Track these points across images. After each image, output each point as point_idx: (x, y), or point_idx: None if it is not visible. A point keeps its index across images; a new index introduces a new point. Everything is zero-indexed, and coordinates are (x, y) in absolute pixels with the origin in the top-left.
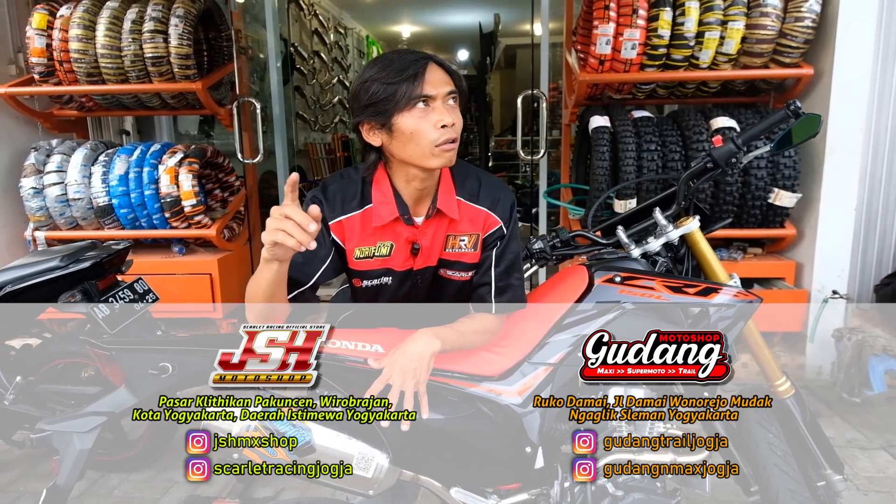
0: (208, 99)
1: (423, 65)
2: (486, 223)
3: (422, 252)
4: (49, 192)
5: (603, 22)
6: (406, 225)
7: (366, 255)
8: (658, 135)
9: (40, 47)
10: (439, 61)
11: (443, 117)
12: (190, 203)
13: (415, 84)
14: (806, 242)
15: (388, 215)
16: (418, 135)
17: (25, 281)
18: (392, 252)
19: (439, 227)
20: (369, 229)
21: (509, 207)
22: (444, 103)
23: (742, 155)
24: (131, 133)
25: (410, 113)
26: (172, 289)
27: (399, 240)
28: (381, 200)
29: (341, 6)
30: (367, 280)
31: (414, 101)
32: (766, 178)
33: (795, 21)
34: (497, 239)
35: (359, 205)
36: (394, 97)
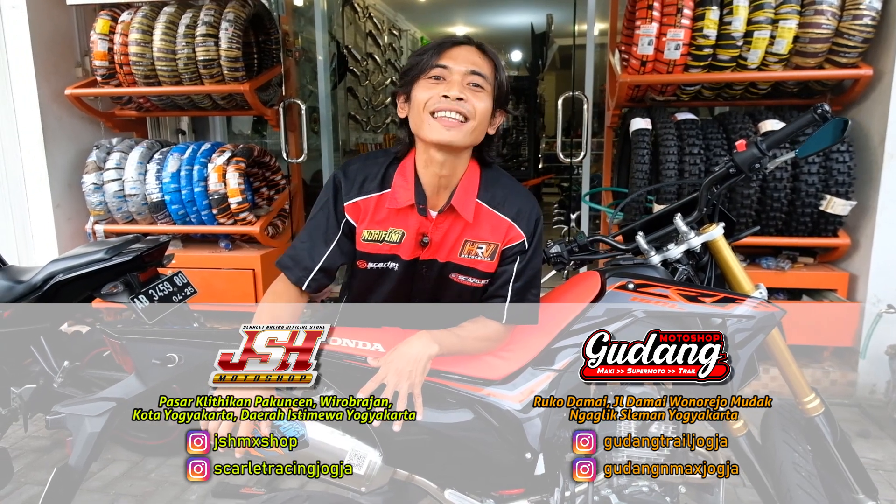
0: (255, 100)
1: (456, 41)
2: (508, 235)
3: (430, 245)
4: (108, 188)
5: (645, 22)
6: (420, 216)
7: (374, 238)
8: (702, 138)
9: (103, 51)
10: (481, 46)
11: (449, 89)
12: (236, 200)
13: (437, 55)
14: (861, 253)
15: (405, 200)
16: (419, 101)
17: (73, 271)
18: (402, 240)
19: (454, 226)
20: (383, 213)
21: (534, 222)
22: (463, 81)
23: (767, 160)
24: (187, 132)
25: (425, 82)
26: (217, 282)
27: (411, 230)
28: (402, 185)
29: (396, 8)
30: (373, 262)
31: (429, 70)
32: (818, 185)
33: (853, 19)
34: (518, 253)
35: (378, 187)
36: (417, 66)
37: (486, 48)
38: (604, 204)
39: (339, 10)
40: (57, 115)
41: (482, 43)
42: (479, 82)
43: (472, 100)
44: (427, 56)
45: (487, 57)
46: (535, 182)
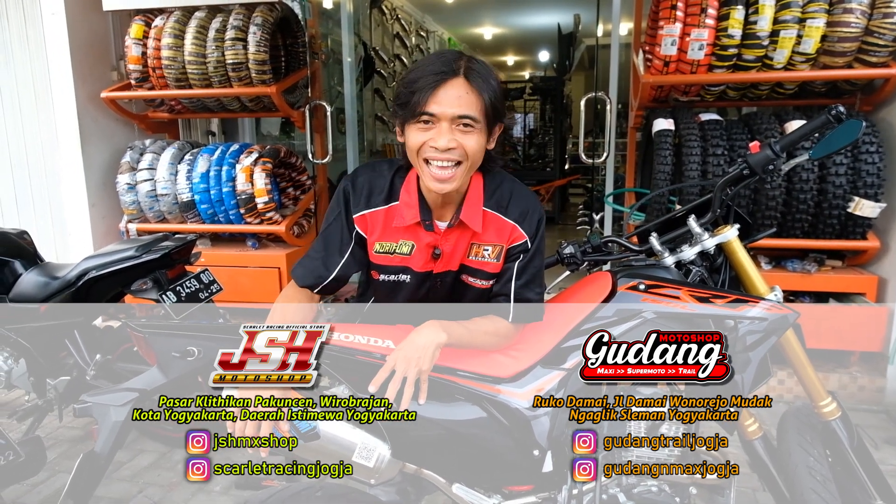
0: (282, 102)
1: (442, 79)
2: (512, 236)
3: (443, 257)
4: (141, 188)
5: (669, 22)
6: (427, 231)
7: (386, 250)
8: (726, 138)
9: (136, 55)
10: (469, 76)
11: (437, 139)
12: (262, 200)
13: (423, 100)
14: (890, 256)
15: (410, 218)
16: (412, 147)
17: (105, 268)
18: (413, 252)
19: (462, 235)
20: (392, 226)
21: (537, 222)
22: (451, 125)
23: (781, 162)
24: (217, 133)
25: (416, 126)
26: (244, 280)
27: (420, 242)
28: (407, 202)
29: (424, 9)
30: (385, 275)
31: (417, 117)
32: (846, 186)
33: (884, 17)
34: (520, 252)
35: (385, 200)
36: (407, 106)
37: (473, 78)
38: (627, 205)
39: (366, 12)
40: (93, 117)
41: (470, 69)
42: (468, 123)
43: (463, 141)
44: (416, 97)
45: (475, 90)
46: (560, 183)
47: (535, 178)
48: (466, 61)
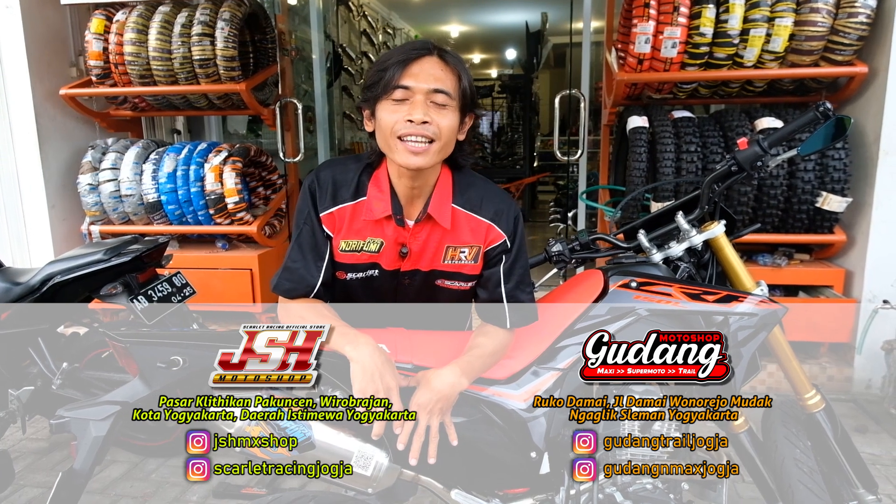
0: (251, 99)
1: (416, 55)
2: (489, 236)
3: (410, 255)
4: (104, 189)
5: (642, 20)
6: (397, 226)
7: (353, 248)
8: (699, 136)
9: (97, 51)
10: (444, 55)
11: (412, 112)
12: (233, 200)
13: (397, 74)
14: (857, 249)
15: (381, 212)
16: (384, 125)
17: (72, 273)
18: (381, 249)
19: (433, 234)
20: (359, 223)
21: (513, 221)
22: (426, 100)
23: (768, 158)
24: (182, 132)
25: (388, 103)
26: (215, 282)
27: (389, 239)
28: (377, 196)
29: (390, 7)
30: (354, 273)
31: (391, 91)
32: (814, 181)
33: (848, 17)
34: (501, 253)
35: (352, 196)
36: (379, 84)
37: (448, 57)
38: (600, 202)
39: (333, 8)
40: (51, 116)
41: (444, 50)
42: (443, 100)
43: (437, 119)
44: (389, 73)
45: (450, 67)
46: (530, 180)
47: (504, 177)
48: (439, 47)
